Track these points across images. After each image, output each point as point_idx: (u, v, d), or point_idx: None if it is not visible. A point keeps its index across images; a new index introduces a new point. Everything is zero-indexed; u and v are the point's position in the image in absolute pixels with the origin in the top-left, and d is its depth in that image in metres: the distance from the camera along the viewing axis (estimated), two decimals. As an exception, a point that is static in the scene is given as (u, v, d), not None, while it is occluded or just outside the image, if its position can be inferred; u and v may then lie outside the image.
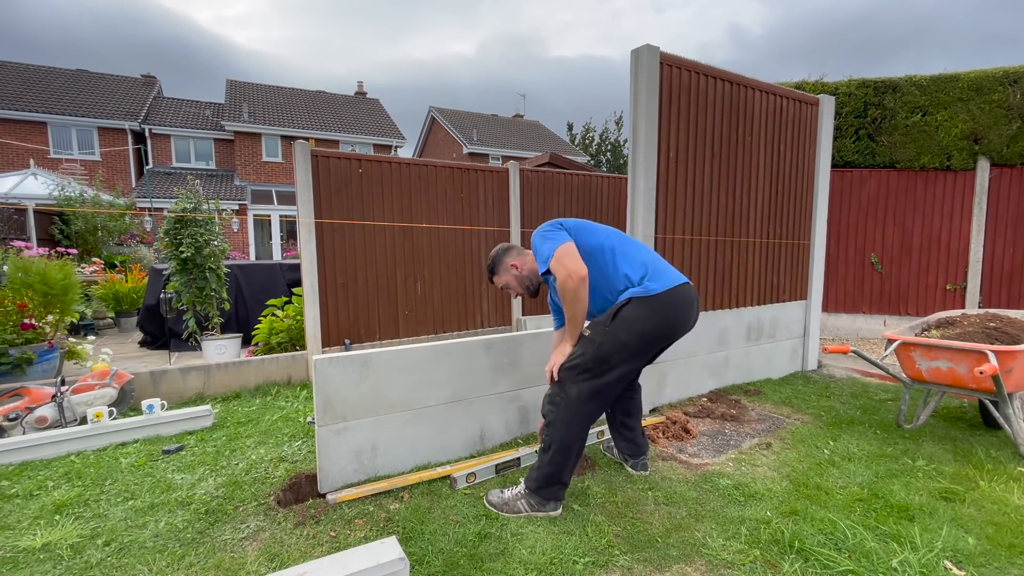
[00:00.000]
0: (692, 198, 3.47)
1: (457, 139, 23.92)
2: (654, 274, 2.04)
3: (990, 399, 2.64)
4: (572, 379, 2.00)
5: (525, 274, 2.27)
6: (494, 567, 1.72)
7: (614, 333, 1.97)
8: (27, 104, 17.13)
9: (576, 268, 1.94)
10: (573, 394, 1.98)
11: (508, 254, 2.29)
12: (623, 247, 2.12)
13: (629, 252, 2.11)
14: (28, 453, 2.71)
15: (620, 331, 1.96)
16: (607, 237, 2.13)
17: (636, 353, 2.02)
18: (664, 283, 2.01)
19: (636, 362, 2.06)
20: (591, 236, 2.10)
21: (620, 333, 1.96)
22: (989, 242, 5.54)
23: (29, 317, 4.06)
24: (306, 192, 4.14)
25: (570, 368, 2.01)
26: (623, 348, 1.97)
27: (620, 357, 1.99)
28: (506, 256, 2.29)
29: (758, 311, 3.99)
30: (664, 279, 2.03)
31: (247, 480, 2.38)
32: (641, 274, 2.03)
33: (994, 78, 5.30)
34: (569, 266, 1.94)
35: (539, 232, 2.10)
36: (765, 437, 2.89)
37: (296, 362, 4.25)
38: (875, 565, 1.71)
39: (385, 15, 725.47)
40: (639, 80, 3.11)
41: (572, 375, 2.00)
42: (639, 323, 1.97)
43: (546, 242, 2.02)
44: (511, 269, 2.27)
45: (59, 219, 9.76)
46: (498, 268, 2.30)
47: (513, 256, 2.29)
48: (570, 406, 1.98)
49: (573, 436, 2.01)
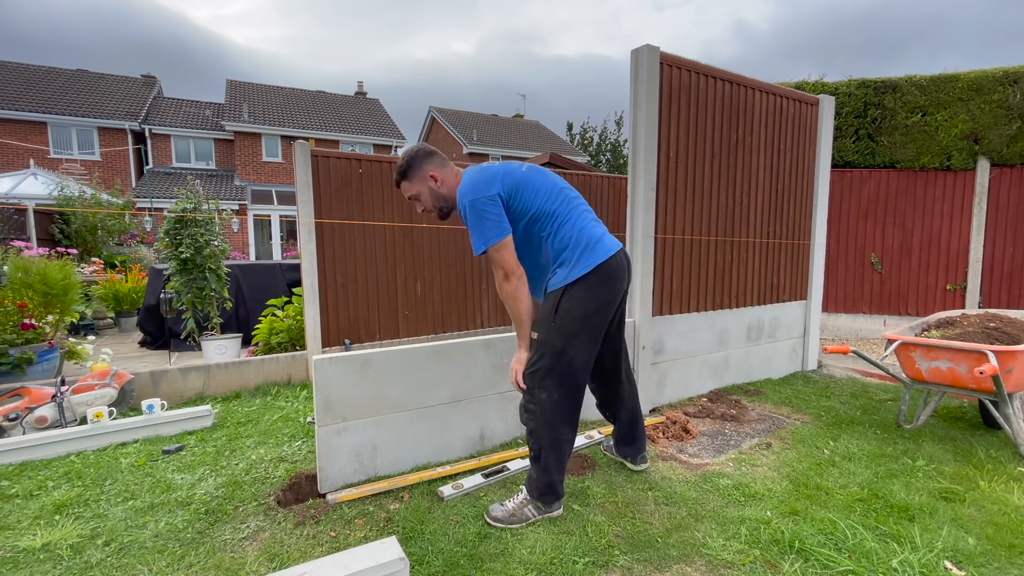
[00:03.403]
0: (692, 198, 3.47)
1: (457, 139, 23.92)
2: (590, 245, 1.95)
3: (990, 399, 2.64)
4: (538, 384, 1.94)
5: (443, 192, 2.01)
6: (494, 567, 1.72)
7: (561, 326, 1.91)
8: (27, 104, 17.13)
9: (512, 268, 1.86)
10: (544, 398, 1.94)
11: (429, 161, 2.00)
12: (566, 210, 1.97)
13: (571, 218, 1.97)
14: (28, 453, 2.71)
15: (566, 323, 1.91)
16: (550, 198, 1.96)
17: (590, 335, 1.96)
18: (599, 255, 1.93)
19: (593, 344, 1.99)
20: (534, 196, 1.93)
21: (567, 324, 1.91)
22: (989, 242, 5.54)
23: (29, 317, 4.06)
24: (306, 192, 4.14)
25: (532, 374, 1.95)
26: (575, 337, 1.93)
27: (576, 345, 1.93)
28: (427, 162, 2.00)
29: (758, 311, 3.99)
30: (600, 250, 1.95)
31: (247, 480, 2.38)
32: (580, 248, 1.93)
33: (994, 78, 5.30)
34: (506, 265, 1.85)
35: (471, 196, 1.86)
36: (765, 437, 2.89)
37: (296, 362, 4.25)
38: (875, 565, 1.71)
39: (385, 14, 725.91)
40: (639, 80, 3.11)
41: (537, 380, 1.95)
42: (582, 306, 1.91)
43: (483, 222, 1.85)
44: (428, 180, 1.99)
45: (59, 219, 9.76)
46: (413, 173, 2.00)
47: (435, 165, 2.01)
48: (546, 410, 1.94)
49: (558, 435, 1.97)
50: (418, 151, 2.01)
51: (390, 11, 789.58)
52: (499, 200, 1.88)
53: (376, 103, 24.41)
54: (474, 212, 1.85)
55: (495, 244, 1.85)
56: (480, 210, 1.84)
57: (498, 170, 1.93)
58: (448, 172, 2.01)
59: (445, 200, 2.02)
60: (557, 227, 1.94)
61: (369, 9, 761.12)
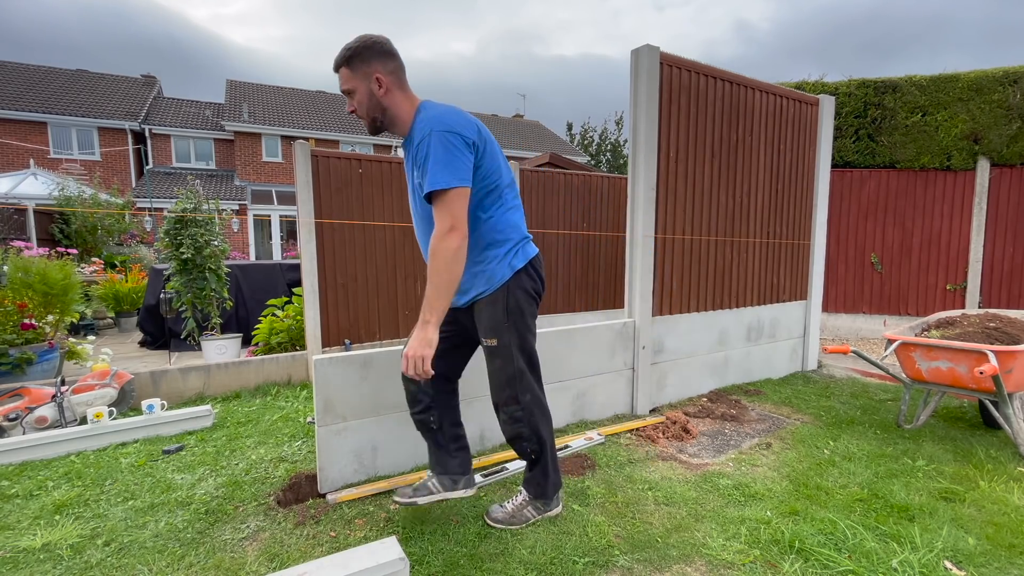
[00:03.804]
0: (692, 198, 3.47)
1: (457, 139, 23.89)
2: (528, 240, 1.87)
3: (990, 399, 2.64)
4: (520, 388, 1.82)
5: (383, 102, 1.70)
6: (494, 567, 1.72)
7: (516, 325, 1.80)
8: (27, 104, 17.14)
9: (463, 223, 1.59)
10: (528, 400, 1.85)
11: (382, 60, 1.68)
12: (512, 194, 1.82)
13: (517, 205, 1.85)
14: (28, 453, 2.71)
15: (519, 320, 1.80)
16: (507, 169, 1.82)
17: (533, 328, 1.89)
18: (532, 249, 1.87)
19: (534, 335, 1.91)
20: (493, 160, 1.74)
21: (519, 321, 1.80)
22: (989, 242, 5.54)
23: (29, 317, 4.06)
24: (306, 192, 4.14)
25: (511, 381, 1.82)
26: (529, 328, 1.85)
27: (533, 335, 1.88)
28: (378, 60, 1.68)
29: (758, 311, 3.99)
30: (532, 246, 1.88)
31: (247, 480, 2.38)
32: (520, 241, 1.83)
33: (994, 78, 5.30)
34: (458, 218, 1.58)
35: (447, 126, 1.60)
36: (765, 437, 2.89)
37: (296, 362, 4.25)
38: (875, 565, 1.71)
39: (385, 14, 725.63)
40: (639, 80, 3.11)
41: (518, 385, 1.82)
42: (527, 297, 1.82)
43: (453, 158, 1.58)
44: (373, 80, 1.67)
45: (59, 219, 9.76)
46: (357, 63, 1.67)
47: (387, 69, 1.68)
48: (533, 411, 1.86)
49: (549, 429, 1.93)
50: (375, 43, 1.68)
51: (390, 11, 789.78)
52: (474, 149, 1.65)
53: (376, 103, 24.41)
54: (445, 145, 1.58)
55: (459, 188, 1.58)
56: (453, 144, 1.59)
57: (474, 119, 1.70)
58: (399, 85, 1.71)
59: (383, 113, 1.70)
60: (504, 211, 1.79)
61: (369, 9, 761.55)
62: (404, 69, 1.74)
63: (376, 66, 1.67)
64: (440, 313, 1.60)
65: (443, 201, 1.58)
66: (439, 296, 1.59)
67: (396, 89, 1.70)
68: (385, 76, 1.68)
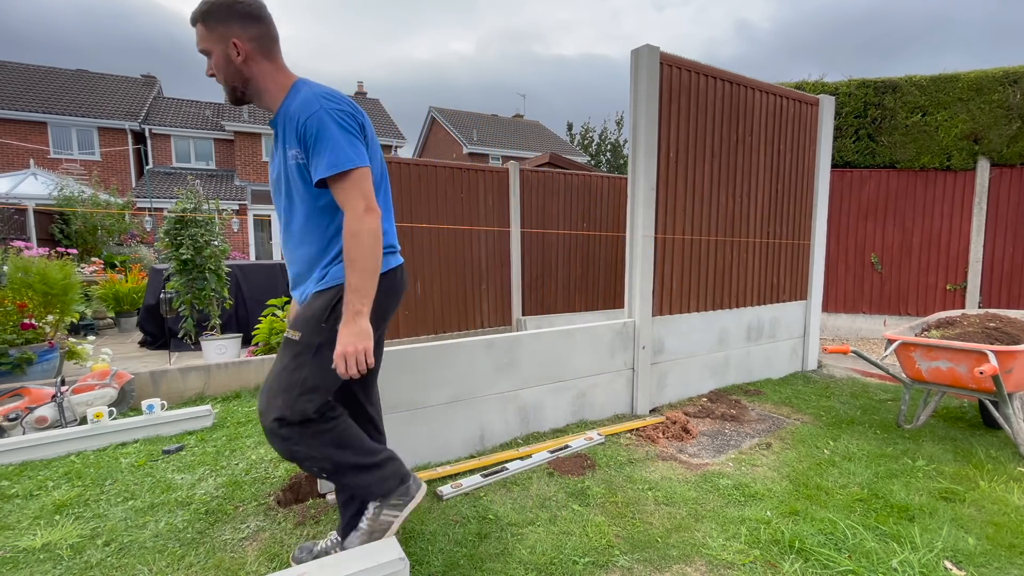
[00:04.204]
0: (692, 198, 3.47)
1: (457, 139, 23.92)
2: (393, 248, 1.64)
3: (990, 399, 2.64)
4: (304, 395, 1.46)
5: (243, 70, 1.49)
6: (494, 567, 1.72)
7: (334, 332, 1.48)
8: (27, 104, 17.14)
9: (376, 204, 1.45)
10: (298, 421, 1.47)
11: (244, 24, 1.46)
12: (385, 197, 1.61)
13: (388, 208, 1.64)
14: (28, 453, 2.71)
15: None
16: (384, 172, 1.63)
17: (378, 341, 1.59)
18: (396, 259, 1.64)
19: None
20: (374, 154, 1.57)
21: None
22: (989, 242, 5.54)
23: (29, 317, 4.06)
24: (306, 192, 4.14)
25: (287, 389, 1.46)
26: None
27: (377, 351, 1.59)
28: (237, 23, 1.46)
29: (758, 311, 3.99)
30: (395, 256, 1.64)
31: (247, 480, 2.38)
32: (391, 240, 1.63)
33: (994, 78, 5.30)
34: (369, 197, 1.44)
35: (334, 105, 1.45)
36: (765, 437, 2.89)
37: (296, 362, 4.25)
38: (875, 565, 1.71)
39: (385, 14, 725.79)
40: (639, 80, 3.11)
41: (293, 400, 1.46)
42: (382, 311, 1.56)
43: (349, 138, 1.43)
44: (230, 43, 1.46)
45: (59, 219, 9.76)
46: (213, 21, 1.46)
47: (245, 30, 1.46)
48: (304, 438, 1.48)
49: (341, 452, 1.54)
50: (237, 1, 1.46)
51: (390, 11, 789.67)
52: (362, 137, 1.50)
53: (376, 103, 24.41)
54: (339, 123, 1.43)
55: (363, 167, 1.44)
56: (345, 124, 1.44)
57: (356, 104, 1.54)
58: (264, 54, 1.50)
59: (245, 84, 1.51)
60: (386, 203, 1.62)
61: (369, 9, 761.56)
62: (274, 38, 1.53)
63: (235, 29, 1.46)
64: (370, 300, 1.44)
65: (352, 180, 1.42)
66: (367, 282, 1.42)
67: (261, 58, 1.49)
68: (244, 42, 1.47)
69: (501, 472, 2.37)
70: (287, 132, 1.49)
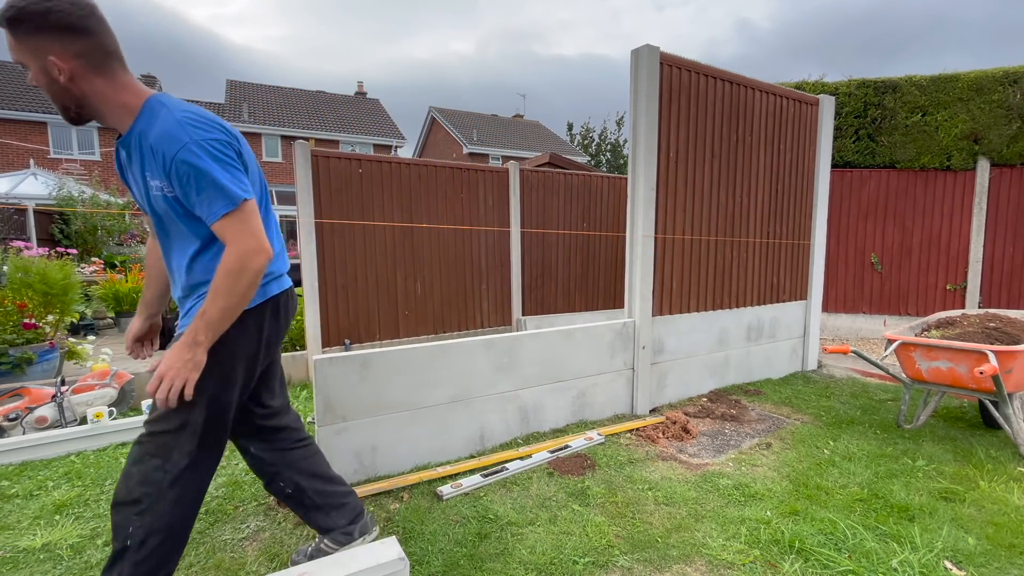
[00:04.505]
0: (692, 198, 3.47)
1: (457, 139, 23.93)
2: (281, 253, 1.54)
3: (990, 399, 2.64)
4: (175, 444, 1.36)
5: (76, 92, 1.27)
6: (494, 567, 1.72)
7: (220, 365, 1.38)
8: (27, 104, 17.13)
9: (266, 241, 1.33)
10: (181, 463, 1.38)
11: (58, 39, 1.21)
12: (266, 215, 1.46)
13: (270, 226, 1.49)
14: (28, 453, 2.71)
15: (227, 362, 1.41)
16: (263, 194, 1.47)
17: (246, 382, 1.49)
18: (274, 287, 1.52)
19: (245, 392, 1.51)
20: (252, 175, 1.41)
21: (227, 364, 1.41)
22: (989, 242, 5.54)
23: (29, 317, 4.06)
24: (306, 192, 4.14)
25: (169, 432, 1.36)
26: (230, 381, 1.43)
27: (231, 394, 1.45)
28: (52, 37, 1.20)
29: (758, 311, 3.99)
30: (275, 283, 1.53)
31: (247, 480, 2.38)
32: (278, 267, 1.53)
33: (994, 78, 5.30)
34: (260, 235, 1.31)
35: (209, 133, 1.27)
36: (765, 437, 2.89)
37: (296, 362, 4.25)
38: (875, 565, 1.72)
39: (385, 14, 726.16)
40: (639, 80, 3.11)
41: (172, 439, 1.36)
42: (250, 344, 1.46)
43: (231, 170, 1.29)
44: (47, 60, 1.22)
45: (59, 219, 9.76)
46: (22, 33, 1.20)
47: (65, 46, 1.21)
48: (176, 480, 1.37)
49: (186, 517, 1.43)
50: (49, 11, 1.18)
51: (390, 11, 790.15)
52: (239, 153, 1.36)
53: (376, 103, 24.41)
54: (213, 158, 1.26)
55: (250, 200, 1.30)
56: (224, 154, 1.29)
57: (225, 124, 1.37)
58: (99, 70, 1.26)
59: (76, 102, 1.29)
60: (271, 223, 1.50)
61: (369, 9, 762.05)
62: (108, 51, 1.27)
63: (52, 44, 1.20)
64: (216, 338, 1.31)
65: (239, 218, 1.28)
66: (223, 320, 1.30)
67: (93, 76, 1.25)
68: (67, 60, 1.22)
69: (501, 472, 2.37)
70: (146, 161, 1.29)
